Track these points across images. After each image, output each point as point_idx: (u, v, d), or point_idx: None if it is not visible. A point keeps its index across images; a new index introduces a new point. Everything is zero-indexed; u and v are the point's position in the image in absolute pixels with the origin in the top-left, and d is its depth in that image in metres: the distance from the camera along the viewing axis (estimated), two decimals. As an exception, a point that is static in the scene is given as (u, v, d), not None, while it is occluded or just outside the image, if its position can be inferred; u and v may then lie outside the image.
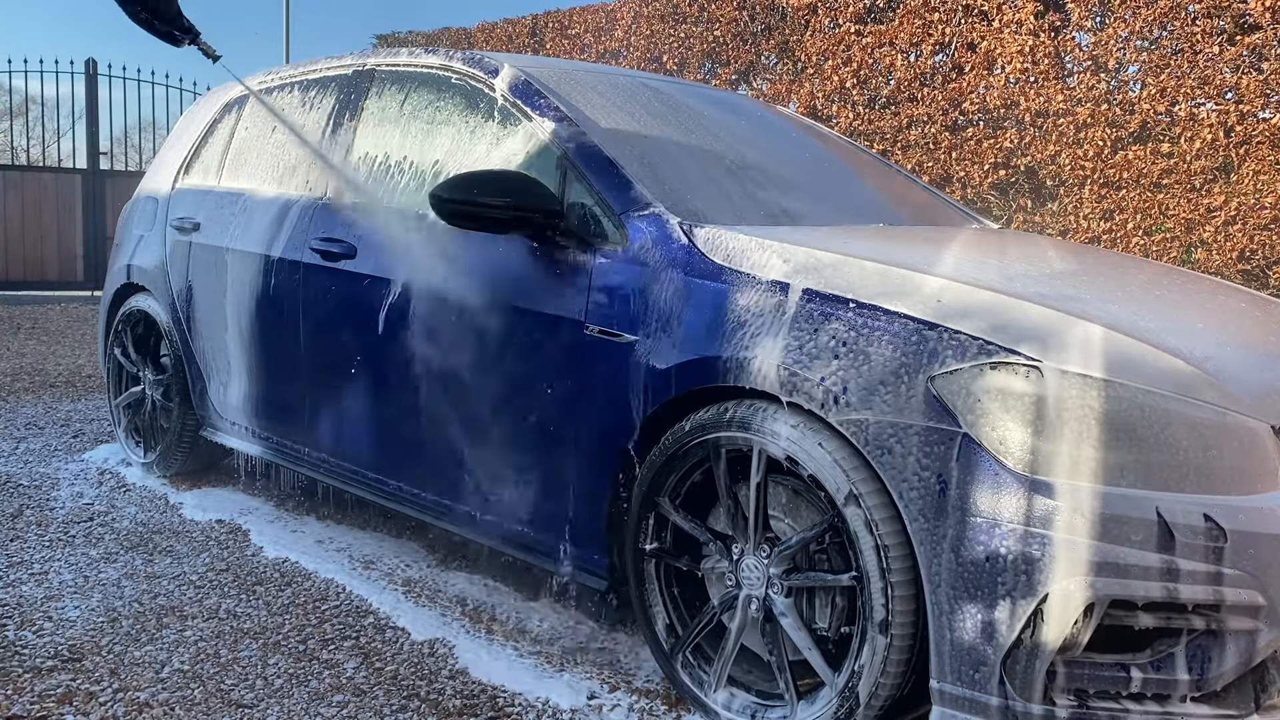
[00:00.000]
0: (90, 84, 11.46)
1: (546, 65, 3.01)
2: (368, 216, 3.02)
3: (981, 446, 1.77)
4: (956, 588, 1.77)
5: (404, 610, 2.75)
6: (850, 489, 1.91)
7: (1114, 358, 1.81)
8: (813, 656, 2.03)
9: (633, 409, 2.26)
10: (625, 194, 2.43)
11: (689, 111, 3.06)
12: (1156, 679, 1.75)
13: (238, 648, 2.50)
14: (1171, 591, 1.70)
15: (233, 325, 3.49)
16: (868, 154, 3.76)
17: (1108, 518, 1.70)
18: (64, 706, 2.20)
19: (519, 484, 2.56)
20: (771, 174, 2.90)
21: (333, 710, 2.22)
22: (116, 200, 10.89)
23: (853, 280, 2.04)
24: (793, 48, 7.82)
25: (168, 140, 4.45)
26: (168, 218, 3.97)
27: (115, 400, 4.26)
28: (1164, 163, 5.96)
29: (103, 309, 4.41)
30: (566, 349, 2.39)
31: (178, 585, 2.90)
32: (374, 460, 3.00)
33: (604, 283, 2.35)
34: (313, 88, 3.51)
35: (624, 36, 8.78)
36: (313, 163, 3.35)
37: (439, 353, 2.72)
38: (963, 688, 1.78)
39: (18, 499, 3.68)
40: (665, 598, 2.30)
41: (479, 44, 10.21)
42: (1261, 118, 5.69)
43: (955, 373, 1.82)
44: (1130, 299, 2.23)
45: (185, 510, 3.63)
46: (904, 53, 7.12)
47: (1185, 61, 5.91)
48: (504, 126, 2.83)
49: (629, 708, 2.29)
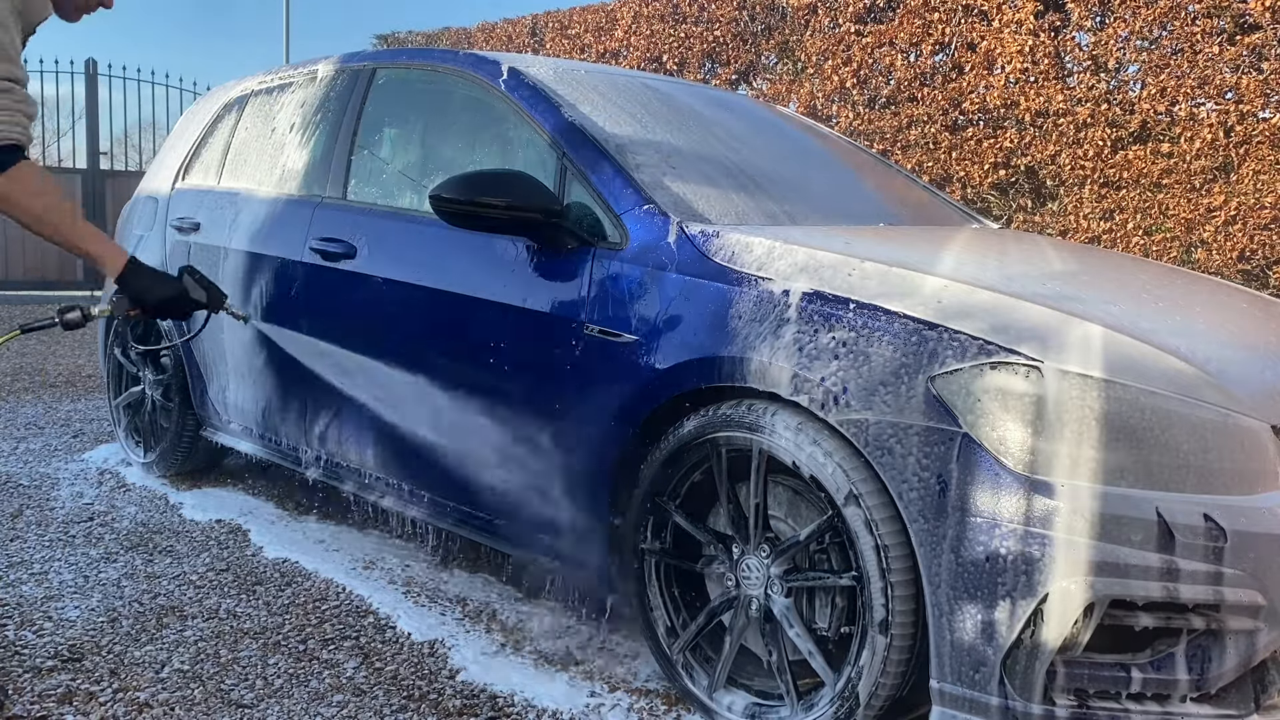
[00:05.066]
0: (90, 84, 11.46)
1: (546, 65, 3.01)
2: (367, 216, 3.02)
3: (982, 446, 1.77)
4: (956, 588, 1.77)
5: (404, 610, 2.75)
6: (850, 489, 1.91)
7: (1114, 358, 1.81)
8: (813, 657, 2.03)
9: (632, 408, 2.26)
10: (625, 194, 2.43)
11: (689, 111, 3.06)
12: (1156, 679, 1.75)
13: (238, 648, 2.50)
14: (1171, 591, 1.70)
15: (232, 324, 3.49)
16: (868, 154, 3.76)
17: (1108, 518, 1.70)
18: (64, 706, 2.20)
19: (518, 483, 2.56)
20: (771, 174, 2.90)
21: (333, 710, 2.22)
22: (116, 200, 10.89)
23: (853, 280, 2.04)
24: (793, 48, 7.82)
25: (168, 140, 4.45)
26: (168, 218, 3.97)
27: (115, 400, 4.26)
28: (1164, 163, 5.96)
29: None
30: (566, 348, 2.39)
31: (178, 585, 2.90)
32: (374, 460, 3.00)
33: (604, 282, 2.35)
34: (313, 87, 3.51)
35: (624, 36, 8.77)
36: (313, 163, 3.35)
37: (439, 353, 2.72)
38: (963, 688, 1.78)
39: (18, 499, 3.68)
40: (665, 598, 2.30)
41: (479, 44, 10.21)
42: (1261, 118, 5.69)
43: (955, 373, 1.81)
44: (1130, 299, 2.23)
45: (185, 510, 3.63)
46: (904, 53, 7.12)
47: (1185, 61, 5.91)
48: (504, 126, 2.83)
49: (629, 708, 2.29)
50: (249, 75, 4.03)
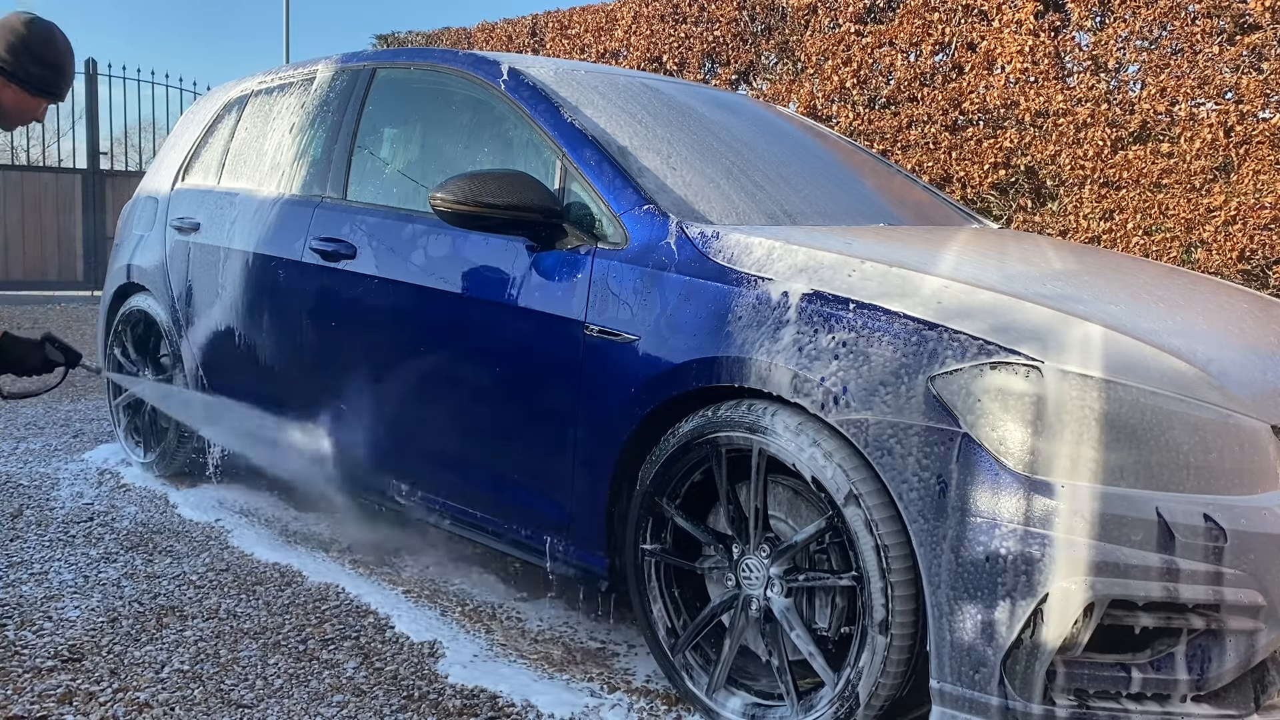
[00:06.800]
0: (90, 84, 11.46)
1: (546, 65, 3.01)
2: (368, 217, 3.02)
3: (981, 447, 1.77)
4: (956, 588, 1.77)
5: (404, 610, 2.75)
6: (850, 489, 1.91)
7: (1114, 358, 1.81)
8: (813, 657, 2.03)
9: (632, 408, 2.26)
10: (625, 194, 2.43)
11: (689, 111, 3.06)
12: (1156, 679, 1.75)
13: (238, 648, 2.50)
14: (1171, 591, 1.70)
15: (233, 324, 3.49)
16: (868, 154, 3.76)
17: (1108, 518, 1.70)
18: (64, 706, 2.20)
19: (518, 483, 2.56)
20: (771, 174, 2.90)
21: (333, 710, 2.22)
22: (116, 200, 10.90)
23: (853, 281, 2.04)
24: (793, 48, 7.82)
25: (168, 140, 4.45)
26: (168, 218, 3.97)
27: (115, 400, 4.26)
28: (1164, 163, 5.96)
29: (103, 309, 4.41)
30: (566, 348, 2.39)
31: (177, 585, 2.90)
32: (373, 459, 3.00)
33: (604, 282, 2.35)
34: (313, 87, 3.51)
35: (624, 36, 8.77)
36: (313, 163, 3.35)
37: (439, 352, 2.73)
38: (963, 688, 1.78)
39: (18, 499, 3.68)
40: (665, 598, 2.30)
41: (479, 44, 10.21)
42: (1261, 118, 5.69)
43: (955, 373, 1.82)
44: (1130, 299, 2.23)
45: (185, 510, 3.63)
46: (904, 53, 7.12)
47: (1185, 61, 5.90)
48: (504, 126, 2.83)
49: (629, 708, 2.28)
50: (249, 75, 4.03)
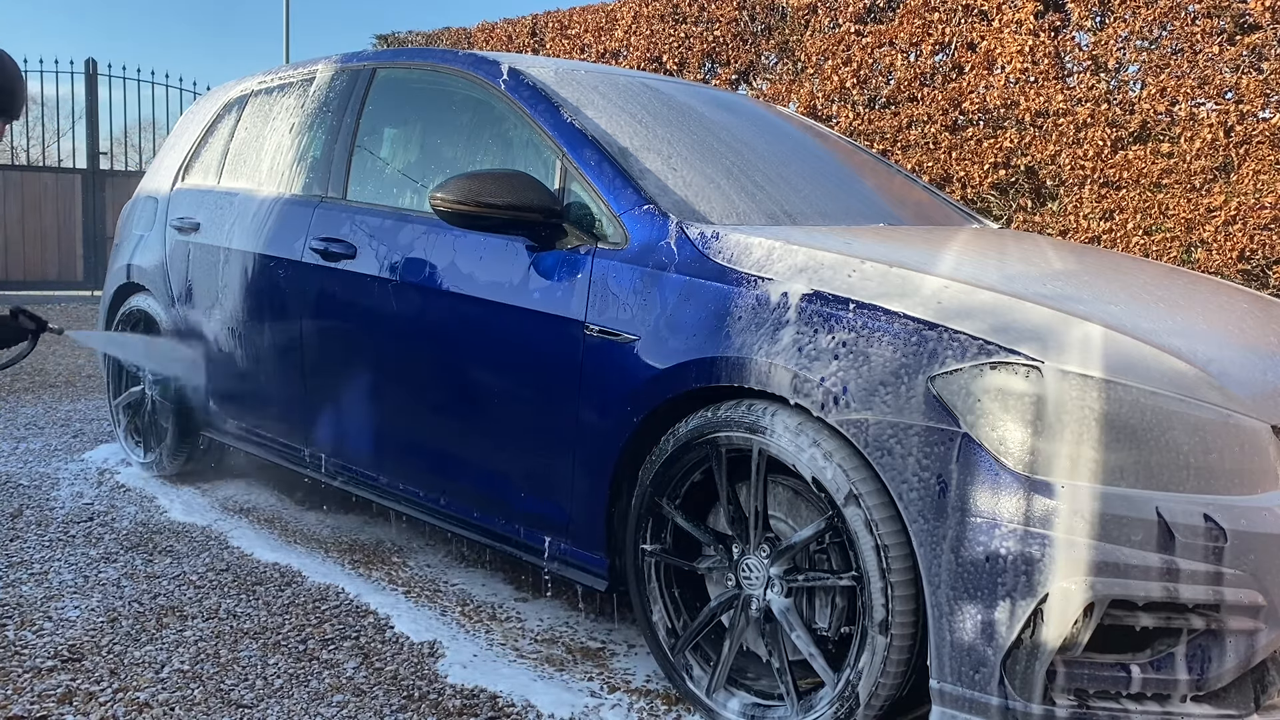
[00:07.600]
0: (90, 84, 11.46)
1: (546, 65, 3.01)
2: (368, 217, 3.02)
3: (981, 447, 1.77)
4: (956, 588, 1.77)
5: (403, 610, 2.75)
6: (850, 489, 1.91)
7: (1114, 358, 1.81)
8: (813, 657, 2.03)
9: (632, 408, 2.26)
10: (625, 194, 2.43)
11: (689, 111, 3.06)
12: (1156, 679, 1.75)
13: (238, 648, 2.50)
14: (1171, 591, 1.70)
15: (233, 325, 3.49)
16: (868, 154, 3.76)
17: (1108, 518, 1.70)
18: (64, 706, 2.20)
19: (518, 483, 2.56)
20: (772, 174, 2.90)
21: (333, 710, 2.22)
22: (116, 200, 10.90)
23: (853, 281, 2.04)
24: (793, 48, 7.81)
25: (168, 140, 4.45)
26: (168, 218, 3.97)
27: (115, 400, 4.26)
28: (1164, 163, 5.96)
29: (103, 308, 4.41)
30: (566, 349, 2.39)
31: (177, 585, 2.90)
32: (373, 459, 3.00)
33: (604, 282, 2.35)
34: (313, 87, 3.51)
35: (624, 36, 8.77)
36: (313, 163, 3.35)
37: (438, 353, 2.72)
38: (963, 688, 1.78)
39: (18, 499, 3.68)
40: (665, 598, 2.30)
41: (479, 44, 10.21)
42: (1261, 118, 5.69)
43: (955, 373, 1.81)
44: (1130, 299, 2.23)
45: (185, 510, 3.63)
46: (904, 53, 7.12)
47: (1185, 61, 5.90)
48: (504, 126, 2.83)
49: (629, 708, 2.28)
50: (249, 75, 4.03)
